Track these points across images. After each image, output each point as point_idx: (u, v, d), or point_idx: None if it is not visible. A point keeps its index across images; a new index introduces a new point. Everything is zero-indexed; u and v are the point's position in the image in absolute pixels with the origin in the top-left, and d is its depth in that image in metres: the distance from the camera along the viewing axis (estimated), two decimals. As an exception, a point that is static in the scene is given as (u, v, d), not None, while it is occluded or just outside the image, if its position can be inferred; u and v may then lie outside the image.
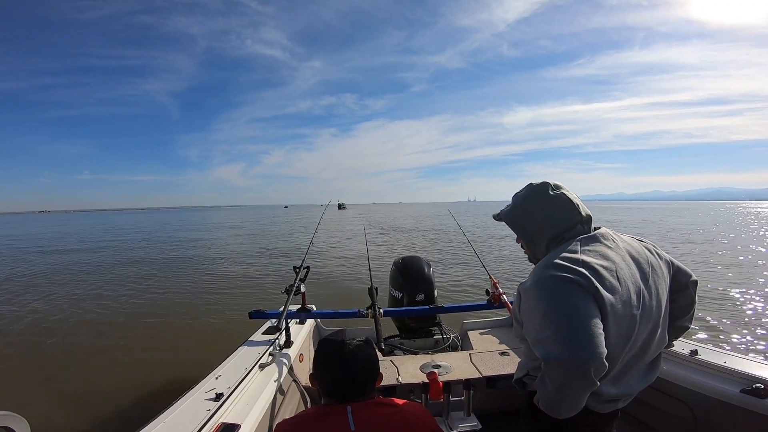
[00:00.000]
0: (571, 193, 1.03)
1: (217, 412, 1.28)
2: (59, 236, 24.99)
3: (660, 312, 0.98)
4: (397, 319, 2.68)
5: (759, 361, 1.49)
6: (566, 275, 0.88)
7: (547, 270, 0.92)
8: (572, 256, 0.93)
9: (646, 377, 1.04)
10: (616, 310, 0.88)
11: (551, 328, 0.87)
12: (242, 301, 6.59)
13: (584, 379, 0.83)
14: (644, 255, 0.99)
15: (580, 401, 0.90)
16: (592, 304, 0.86)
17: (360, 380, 0.93)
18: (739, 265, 8.92)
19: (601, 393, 0.95)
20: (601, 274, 0.89)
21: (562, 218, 1.01)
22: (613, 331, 0.88)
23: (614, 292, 0.89)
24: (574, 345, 0.83)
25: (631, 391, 1.01)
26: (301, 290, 2.28)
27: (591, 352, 0.82)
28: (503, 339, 2.41)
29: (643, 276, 0.96)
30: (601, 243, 0.97)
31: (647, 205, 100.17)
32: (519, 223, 1.09)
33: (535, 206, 1.04)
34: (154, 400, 3.20)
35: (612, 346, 0.88)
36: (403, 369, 1.87)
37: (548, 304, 0.89)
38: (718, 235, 16.41)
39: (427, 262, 2.75)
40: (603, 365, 0.83)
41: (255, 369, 1.65)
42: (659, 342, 1.01)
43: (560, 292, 0.88)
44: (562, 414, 0.93)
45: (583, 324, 0.84)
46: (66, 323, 5.64)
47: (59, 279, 9.15)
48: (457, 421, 1.70)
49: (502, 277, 6.97)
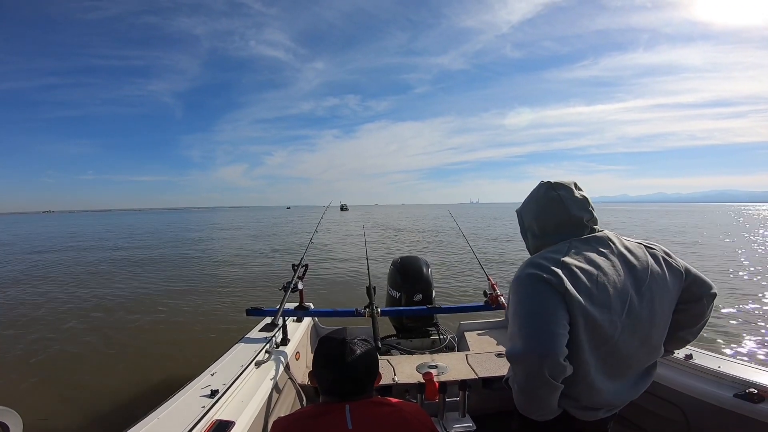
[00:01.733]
0: (575, 195, 1.00)
1: (212, 409, 1.29)
2: (68, 235, 25.12)
3: (654, 321, 0.94)
4: (394, 319, 2.67)
5: (753, 366, 1.49)
6: (539, 273, 0.89)
7: (526, 268, 0.94)
8: (554, 256, 0.93)
9: (634, 388, 1.00)
10: (587, 314, 0.86)
11: (517, 323, 0.89)
12: (240, 299, 6.62)
13: (540, 377, 0.84)
14: (644, 262, 0.95)
15: (546, 402, 0.90)
16: (560, 305, 0.85)
17: (360, 380, 0.93)
18: (737, 269, 8.82)
19: (578, 398, 0.93)
20: (577, 276, 0.88)
21: (550, 218, 1.02)
22: (584, 335, 0.87)
23: (589, 296, 0.87)
24: (532, 341, 0.85)
25: (615, 402, 0.97)
26: (299, 288, 2.28)
27: (546, 349, 0.82)
28: (500, 340, 2.41)
29: (637, 284, 0.92)
30: (591, 247, 0.95)
31: (649, 208, 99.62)
32: (520, 216, 1.13)
33: (533, 203, 1.07)
34: (150, 396, 3.19)
35: (581, 351, 0.88)
36: (400, 369, 1.87)
37: (517, 300, 0.92)
38: (716, 238, 16.24)
39: (425, 263, 2.75)
40: (559, 364, 0.83)
41: (251, 366, 1.66)
42: (650, 352, 0.97)
43: (530, 290, 0.90)
44: (533, 414, 0.94)
45: (543, 322, 0.85)
46: (62, 319, 5.66)
47: (60, 278, 9.19)
48: (452, 421, 1.70)
49: (501, 279, 6.95)
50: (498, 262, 10.13)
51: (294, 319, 2.43)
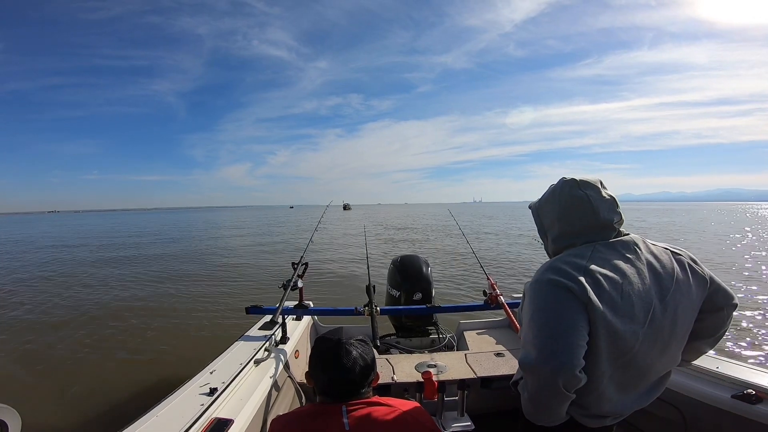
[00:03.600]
0: (603, 194, 0.93)
1: (211, 407, 1.29)
2: (75, 235, 25.32)
3: (675, 331, 0.89)
4: (393, 318, 2.68)
5: (751, 367, 1.48)
6: (561, 280, 0.84)
7: (547, 273, 0.89)
8: (577, 261, 0.87)
9: (645, 397, 0.96)
10: (610, 325, 0.82)
11: (533, 331, 0.85)
12: (240, 297, 6.64)
13: (553, 389, 0.81)
14: (670, 270, 0.89)
15: (556, 411, 0.87)
16: (581, 315, 0.81)
17: (356, 380, 0.93)
18: (739, 268, 8.71)
19: (588, 407, 0.90)
20: (601, 285, 0.83)
21: (575, 220, 0.94)
22: (604, 346, 0.84)
23: (613, 306, 0.83)
24: (547, 352, 0.81)
25: (623, 411, 0.94)
26: (299, 286, 2.29)
27: (562, 362, 0.79)
28: (499, 340, 2.40)
29: (661, 292, 0.87)
30: (617, 252, 0.90)
31: (653, 206, 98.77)
32: (538, 215, 1.06)
33: (555, 203, 0.98)
34: (149, 394, 3.21)
35: (599, 361, 0.85)
36: (399, 368, 1.87)
37: (536, 307, 0.87)
38: (719, 237, 16.07)
39: (425, 262, 2.75)
40: (574, 377, 0.80)
41: (250, 364, 1.66)
42: (668, 363, 0.93)
43: (550, 297, 0.85)
44: (540, 421, 0.91)
45: (562, 332, 0.81)
46: (62, 318, 5.70)
47: (60, 278, 9.25)
48: (451, 420, 1.70)
49: (500, 278, 6.93)
50: (497, 261, 10.09)
51: (294, 318, 2.44)
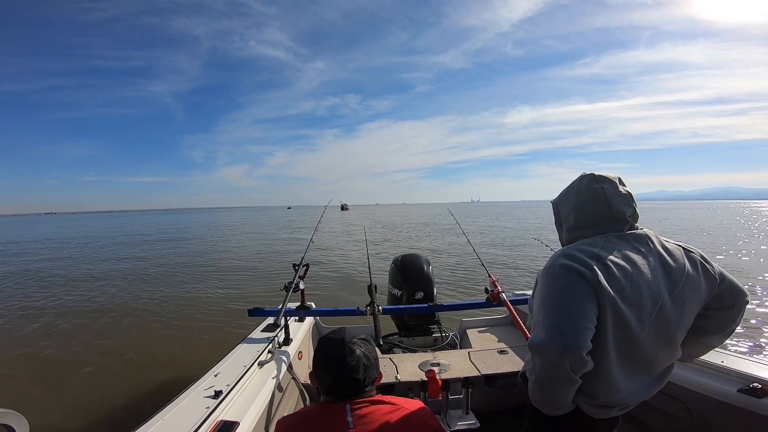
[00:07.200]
0: (619, 189, 0.97)
1: (216, 410, 1.29)
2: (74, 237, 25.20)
3: (679, 325, 0.92)
4: (396, 317, 2.68)
5: (757, 361, 1.48)
6: (573, 265, 0.88)
7: (560, 258, 0.92)
8: (589, 249, 0.91)
9: (649, 388, 0.99)
10: (618, 310, 0.85)
11: (543, 313, 0.88)
12: (242, 299, 6.62)
13: (560, 370, 0.83)
14: (681, 264, 0.93)
15: (561, 395, 0.89)
16: (591, 298, 0.84)
17: (359, 380, 0.93)
18: (741, 263, 8.80)
19: (595, 395, 0.93)
20: (612, 271, 0.87)
21: (590, 211, 0.99)
22: (611, 331, 0.86)
23: (622, 292, 0.86)
24: (556, 332, 0.83)
25: (629, 401, 0.97)
26: (300, 287, 2.28)
27: (569, 342, 0.81)
28: (502, 337, 2.41)
29: (670, 286, 0.90)
30: (629, 244, 0.93)
31: (650, 205, 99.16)
32: (556, 207, 1.12)
33: (572, 195, 1.04)
34: (154, 397, 3.22)
35: (606, 347, 0.87)
36: (402, 367, 1.87)
37: (547, 289, 0.90)
38: (718, 234, 16.19)
39: (426, 260, 2.75)
40: (581, 359, 0.82)
41: (254, 366, 1.66)
42: (671, 355, 0.97)
43: (562, 280, 0.88)
44: (546, 408, 0.93)
45: (571, 314, 0.84)
46: (66, 321, 5.68)
47: (59, 279, 9.22)
48: (456, 419, 1.71)
49: (502, 276, 6.96)
50: (497, 259, 10.12)
51: (296, 319, 2.43)
